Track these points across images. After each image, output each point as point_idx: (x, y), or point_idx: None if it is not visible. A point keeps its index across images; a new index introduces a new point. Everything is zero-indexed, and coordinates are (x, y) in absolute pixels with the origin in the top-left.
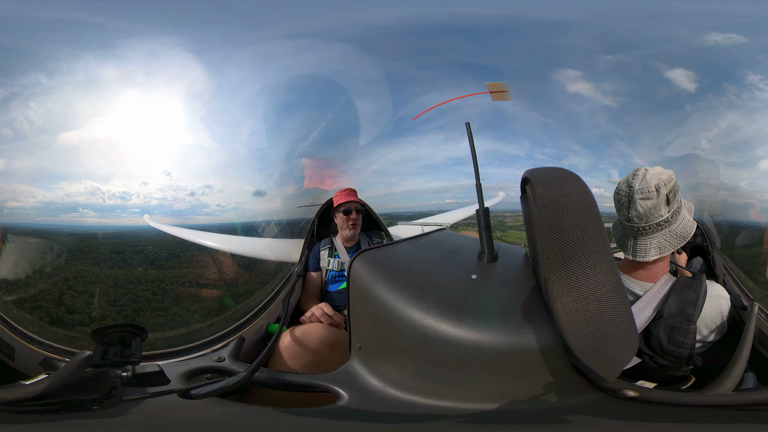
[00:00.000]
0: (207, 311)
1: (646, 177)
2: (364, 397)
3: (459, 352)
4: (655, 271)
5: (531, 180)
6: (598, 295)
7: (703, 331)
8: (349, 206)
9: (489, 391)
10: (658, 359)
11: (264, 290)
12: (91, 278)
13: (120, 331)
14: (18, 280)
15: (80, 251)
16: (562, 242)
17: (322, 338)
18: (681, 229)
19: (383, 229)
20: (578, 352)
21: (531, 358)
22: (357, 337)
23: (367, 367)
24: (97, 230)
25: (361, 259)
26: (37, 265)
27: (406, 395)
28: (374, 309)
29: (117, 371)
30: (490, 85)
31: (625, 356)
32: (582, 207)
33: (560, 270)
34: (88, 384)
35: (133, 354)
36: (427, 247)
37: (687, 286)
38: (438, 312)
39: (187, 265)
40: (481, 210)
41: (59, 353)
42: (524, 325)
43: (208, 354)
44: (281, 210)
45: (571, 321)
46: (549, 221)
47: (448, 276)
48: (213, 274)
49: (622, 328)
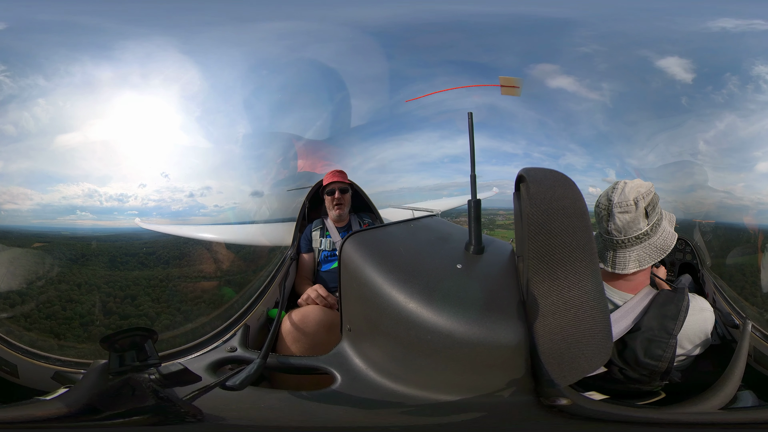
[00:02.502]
0: (209, 304)
1: (625, 190)
2: (351, 380)
3: (433, 339)
4: (635, 283)
5: (526, 178)
6: (577, 302)
7: (685, 345)
8: (333, 186)
9: (450, 381)
10: (628, 371)
11: (260, 276)
12: (89, 285)
13: (129, 336)
14: (12, 294)
15: (75, 256)
16: (550, 245)
17: (319, 320)
18: (661, 241)
19: (374, 211)
20: (544, 355)
21: (495, 353)
22: (347, 319)
23: (355, 349)
24: (93, 233)
25: (352, 240)
26: (32, 276)
27: (381, 379)
28: (363, 291)
29: (143, 375)
30: (504, 79)
31: (592, 365)
32: (573, 213)
33: (544, 272)
34: (124, 392)
35: (150, 356)
36: (417, 232)
37: (668, 299)
38: (421, 297)
39: (185, 263)
40: (473, 201)
41: (70, 365)
42: (497, 320)
43: (220, 345)
44: (278, 209)
45: (546, 324)
46: (539, 222)
47: (435, 263)
48: (210, 267)
49: (596, 338)
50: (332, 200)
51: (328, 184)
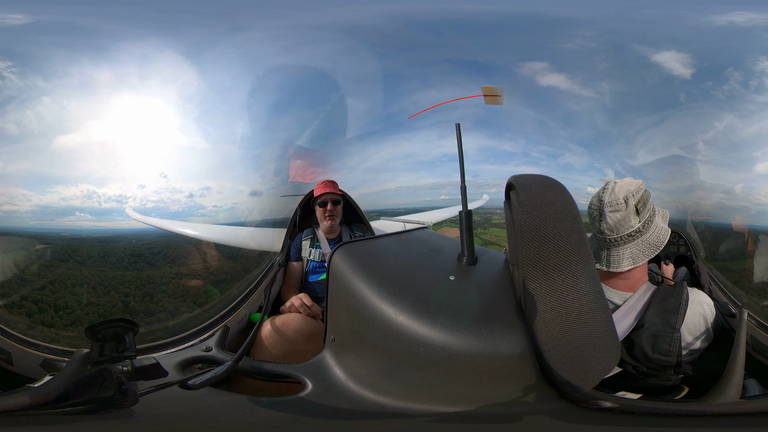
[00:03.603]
0: (193, 302)
1: (615, 190)
2: (324, 390)
3: (427, 351)
4: (633, 281)
5: (515, 186)
6: (578, 305)
7: (687, 338)
8: (325, 198)
9: (448, 393)
10: (641, 368)
11: (246, 279)
12: (77, 278)
13: (112, 326)
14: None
15: (70, 252)
16: (544, 250)
17: (299, 328)
18: (654, 238)
19: (365, 223)
20: (552, 361)
21: (498, 363)
22: (332, 329)
23: (337, 360)
24: (92, 234)
25: (341, 252)
26: (23, 266)
27: (360, 390)
28: (351, 302)
29: (118, 367)
30: (486, 88)
31: (605, 367)
32: (565, 216)
33: (540, 278)
34: (96, 382)
35: (128, 348)
36: (408, 245)
37: (668, 294)
38: (412, 310)
39: (172, 259)
40: (464, 212)
41: (57, 353)
42: (496, 331)
43: (197, 344)
44: (275, 209)
45: (549, 330)
46: (531, 229)
47: (427, 275)
48: (197, 265)
49: (603, 339)
50: (324, 212)
51: (320, 195)
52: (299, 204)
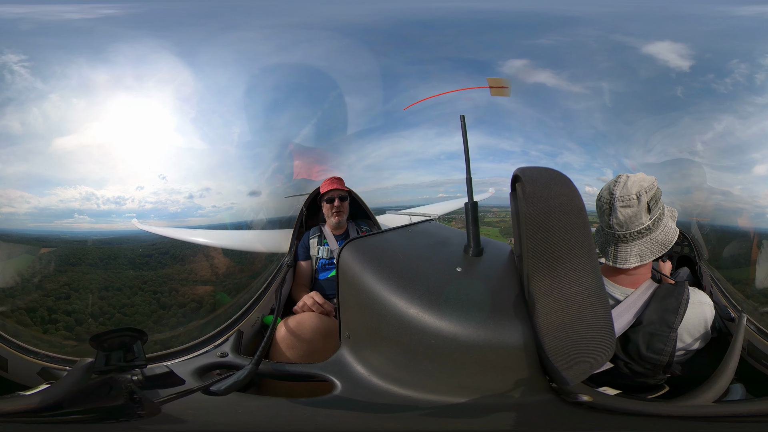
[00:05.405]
0: (204, 309)
1: (627, 184)
2: (353, 387)
3: (438, 343)
4: (636, 277)
5: (521, 178)
6: (579, 299)
7: (685, 339)
8: (332, 194)
9: (460, 384)
10: (633, 365)
11: (256, 282)
12: (84, 284)
13: (119, 335)
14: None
15: (72, 257)
16: (548, 243)
17: (315, 327)
18: (662, 236)
19: (371, 218)
20: (551, 353)
21: (504, 353)
22: (346, 326)
23: (356, 356)
24: (91, 236)
25: (349, 248)
26: (27, 273)
27: (386, 384)
28: (362, 297)
29: (126, 376)
30: (492, 80)
31: (597, 362)
32: (570, 210)
33: (544, 270)
34: (101, 391)
35: (137, 357)
36: (415, 237)
37: (669, 293)
38: (422, 302)
39: (180, 266)
40: (469, 204)
41: (57, 362)
42: (502, 321)
43: (211, 350)
44: (275, 208)
45: (550, 322)
46: (536, 221)
47: (434, 267)
48: (206, 271)
49: (599, 334)
50: (331, 208)
51: (327, 191)
52: (304, 203)
